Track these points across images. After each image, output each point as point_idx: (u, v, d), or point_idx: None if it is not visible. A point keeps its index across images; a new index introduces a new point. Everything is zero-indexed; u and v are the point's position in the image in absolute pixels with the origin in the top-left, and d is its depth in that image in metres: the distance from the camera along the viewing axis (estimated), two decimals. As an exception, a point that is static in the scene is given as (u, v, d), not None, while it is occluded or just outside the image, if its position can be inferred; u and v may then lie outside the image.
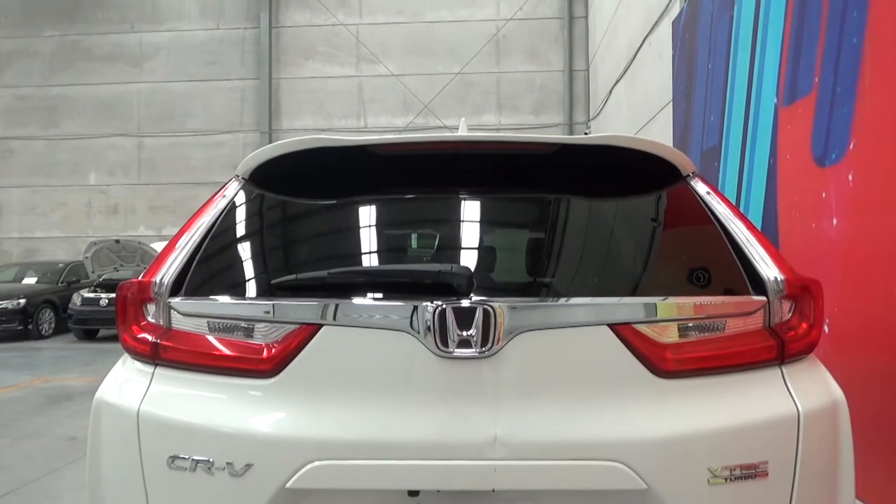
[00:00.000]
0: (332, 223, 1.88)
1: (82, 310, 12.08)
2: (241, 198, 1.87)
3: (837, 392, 1.65)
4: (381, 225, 1.89)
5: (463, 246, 1.77)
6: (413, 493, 1.53)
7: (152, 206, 17.15)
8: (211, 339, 1.63)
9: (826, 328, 4.44)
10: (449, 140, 1.83)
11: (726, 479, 1.52)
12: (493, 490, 1.49)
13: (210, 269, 1.73)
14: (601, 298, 1.57)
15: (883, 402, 3.80)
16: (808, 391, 1.60)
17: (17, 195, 17.51)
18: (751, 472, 1.53)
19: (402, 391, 1.53)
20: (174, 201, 16.79)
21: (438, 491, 1.52)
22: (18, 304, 12.38)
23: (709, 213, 1.79)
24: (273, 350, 1.57)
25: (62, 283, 13.65)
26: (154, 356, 1.66)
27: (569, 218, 1.84)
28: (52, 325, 13.06)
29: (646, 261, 1.79)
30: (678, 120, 8.09)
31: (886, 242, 3.89)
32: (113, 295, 11.66)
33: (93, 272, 13.09)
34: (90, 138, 17.50)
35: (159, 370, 1.65)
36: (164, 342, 1.65)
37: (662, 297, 1.58)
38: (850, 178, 4.29)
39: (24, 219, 17.62)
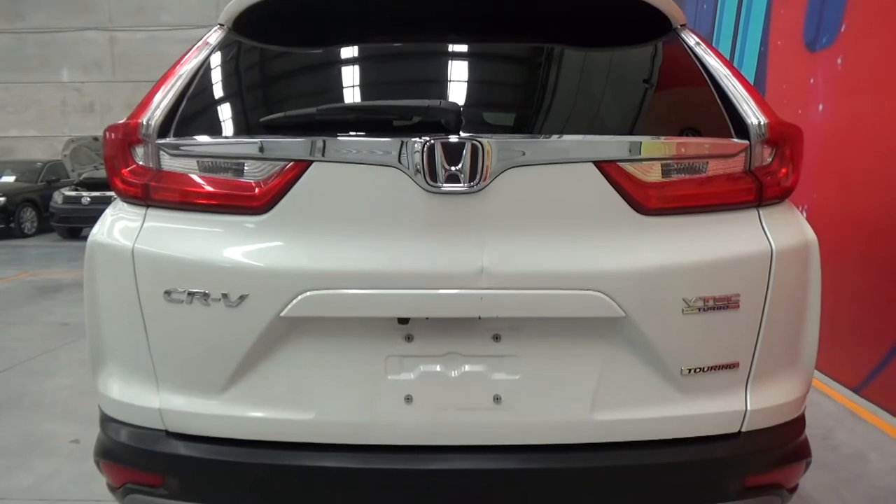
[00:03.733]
0: (319, 67, 1.85)
1: (64, 208, 11.98)
2: (224, 45, 1.84)
3: (810, 233, 1.71)
4: (368, 67, 1.88)
5: (451, 86, 1.76)
6: (403, 321, 1.60)
7: (129, 104, 16.54)
8: (201, 178, 1.64)
9: (804, 213, 4.55)
10: None
11: (699, 310, 1.60)
12: (479, 317, 1.56)
13: (198, 111, 1.72)
14: (587, 136, 1.59)
15: (855, 286, 3.96)
16: (782, 231, 1.66)
17: (-14, 92, 16.93)
18: (723, 304, 1.61)
19: (392, 225, 1.57)
20: (152, 100, 16.24)
21: (427, 318, 1.59)
22: (-2, 201, 12.25)
23: (697, 62, 1.80)
24: (264, 187, 1.59)
25: (42, 181, 13.46)
26: (145, 197, 1.67)
27: (558, 63, 1.83)
28: (35, 225, 12.98)
29: (633, 105, 1.81)
30: (670, 11, 7.87)
31: (869, 125, 3.92)
32: (95, 193, 11.73)
33: (72, 171, 12.91)
34: (59, 32, 16.73)
35: (151, 211, 1.67)
36: (154, 183, 1.65)
37: (647, 137, 1.61)
38: (839, 61, 4.26)
39: (-3, 117, 17.12)
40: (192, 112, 1.71)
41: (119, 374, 1.71)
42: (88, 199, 11.81)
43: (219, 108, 1.79)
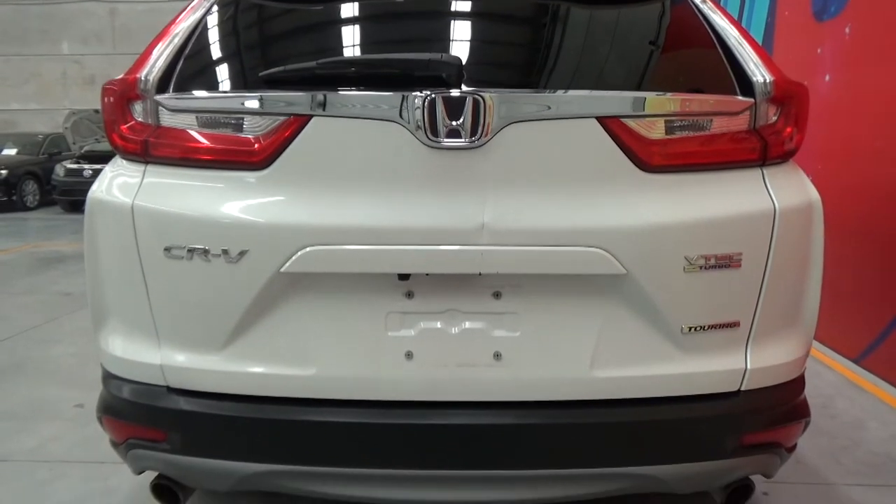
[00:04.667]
0: (318, 22, 1.83)
1: (66, 181, 11.94)
2: (222, 0, 1.82)
3: (814, 194, 1.70)
4: (368, 22, 1.85)
5: (453, 41, 1.74)
6: (403, 277, 1.60)
7: (130, 78, 16.48)
8: (201, 134, 1.62)
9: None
10: None
11: (701, 268, 1.59)
12: (480, 274, 1.56)
13: (196, 67, 1.70)
14: (591, 91, 1.57)
15: (857, 257, 3.95)
16: (785, 191, 1.65)
17: (-14, 65, 16.82)
18: (725, 262, 1.61)
19: (393, 180, 1.56)
20: (153, 73, 16.11)
21: (427, 274, 1.59)
22: (0, 174, 12.21)
23: (703, 20, 1.77)
24: (263, 142, 1.58)
25: (43, 154, 13.40)
26: (144, 154, 1.66)
27: (563, 17, 1.81)
28: (37, 198, 12.96)
29: (637, 62, 1.78)
30: (677, -18, 7.76)
31: (876, 96, 3.88)
32: (97, 166, 11.69)
33: (74, 143, 12.87)
34: (59, 3, 16.56)
35: (151, 167, 1.66)
36: (153, 140, 1.64)
37: (651, 93, 1.59)
38: (847, 30, 4.20)
39: (-2, 90, 17.03)
40: (191, 67, 1.69)
41: (120, 331, 1.72)
42: (90, 171, 11.76)
43: (217, 63, 1.77)
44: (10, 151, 13.37)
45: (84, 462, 2.79)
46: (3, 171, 12.31)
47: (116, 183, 1.69)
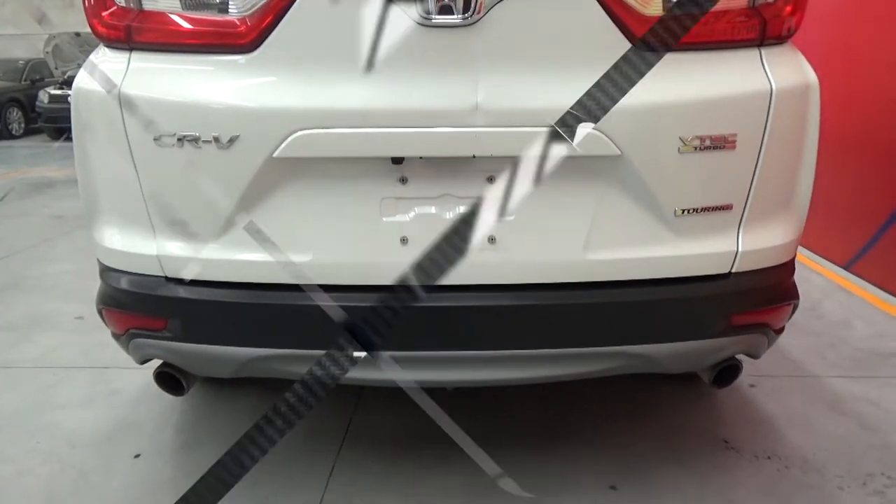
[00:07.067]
0: None
1: (51, 107, 11.68)
2: None
3: (811, 75, 1.68)
4: None
5: None
6: (397, 161, 1.59)
7: (110, -1, 15.89)
8: (185, 17, 1.58)
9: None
10: None
11: (696, 149, 1.59)
12: (474, 156, 1.55)
13: None
14: None
15: (849, 166, 3.94)
16: (783, 71, 1.63)
17: (-42, -13, 16.15)
18: (719, 144, 1.60)
19: (384, 60, 1.53)
20: (133, -6, 15.52)
21: (421, 157, 1.58)
22: (-18, 102, 11.94)
23: None
24: (249, 23, 1.53)
25: (25, 81, 13.05)
26: (128, 40, 1.62)
27: None
28: (22, 126, 12.71)
29: None
30: None
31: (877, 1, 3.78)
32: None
33: (56, 68, 12.53)
34: (30, -80, 15.79)
35: (136, 54, 1.62)
36: (136, 24, 1.60)
37: None
38: (853, -72, 4.06)
39: (-27, 15, 16.42)
40: None
41: (115, 224, 1.71)
42: (75, 98, 11.49)
43: None
44: (-9, 78, 13.01)
45: (88, 367, 2.85)
46: (-15, 99, 12.02)
47: (101, 71, 1.65)
